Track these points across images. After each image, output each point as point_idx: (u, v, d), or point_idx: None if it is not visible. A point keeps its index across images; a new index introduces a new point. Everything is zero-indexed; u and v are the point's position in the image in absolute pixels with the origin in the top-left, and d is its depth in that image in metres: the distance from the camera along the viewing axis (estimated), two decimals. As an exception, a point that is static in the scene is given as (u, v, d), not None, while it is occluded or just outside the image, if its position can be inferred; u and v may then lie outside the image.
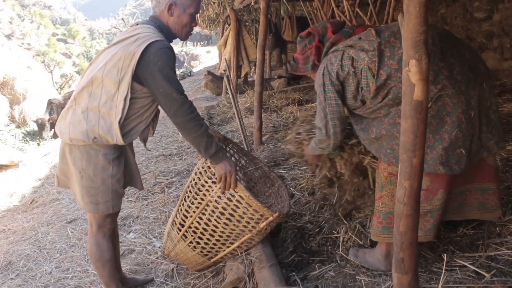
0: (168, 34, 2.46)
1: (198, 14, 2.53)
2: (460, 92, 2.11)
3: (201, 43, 36.59)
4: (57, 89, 25.40)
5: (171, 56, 2.30)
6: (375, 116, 2.31)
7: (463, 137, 2.14)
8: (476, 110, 2.16)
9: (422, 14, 1.58)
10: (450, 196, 2.36)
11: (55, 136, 12.38)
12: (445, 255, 2.10)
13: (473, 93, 2.14)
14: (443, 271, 2.00)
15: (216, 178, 2.52)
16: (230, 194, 2.54)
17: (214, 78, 10.38)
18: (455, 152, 2.16)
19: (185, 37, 2.56)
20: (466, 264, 2.29)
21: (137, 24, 2.48)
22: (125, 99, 2.28)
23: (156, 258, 3.31)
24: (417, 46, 1.60)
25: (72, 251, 3.71)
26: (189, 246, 2.78)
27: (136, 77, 2.27)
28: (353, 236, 2.79)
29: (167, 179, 4.96)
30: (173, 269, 3.09)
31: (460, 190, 2.42)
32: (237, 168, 3.14)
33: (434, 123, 2.14)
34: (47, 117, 12.57)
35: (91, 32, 75.93)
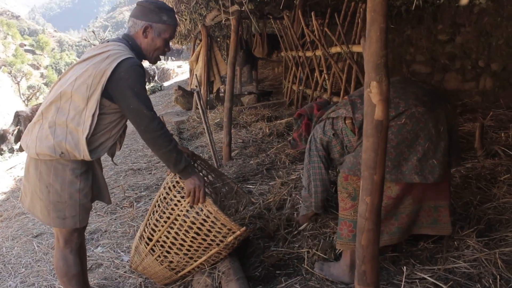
0: (139, 54, 2.50)
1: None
2: (429, 109, 2.36)
3: (172, 57, 36.51)
4: (23, 101, 24.94)
5: (142, 74, 2.34)
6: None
7: (434, 148, 2.37)
8: (445, 125, 2.39)
9: (382, 39, 1.67)
10: (419, 207, 2.56)
11: (21, 149, 12.16)
12: (405, 268, 2.19)
13: (439, 110, 2.40)
14: (403, 283, 2.08)
15: (184, 193, 2.56)
16: (199, 208, 2.58)
17: (184, 93, 10.41)
18: (428, 163, 2.38)
19: (154, 60, 2.61)
20: (425, 276, 2.38)
21: (107, 41, 2.52)
22: (93, 116, 2.30)
23: (124, 272, 3.30)
24: (378, 69, 1.69)
25: (38, 266, 3.66)
26: (157, 260, 2.80)
27: (106, 94, 2.29)
28: (317, 252, 2.85)
29: (136, 193, 4.94)
30: (141, 283, 3.09)
31: (418, 207, 2.56)
32: (206, 183, 3.18)
33: (410, 137, 2.36)
34: (11, 128, 12.34)
35: (61, 43, 75.03)
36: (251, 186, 4.27)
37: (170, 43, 2.70)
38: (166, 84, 22.99)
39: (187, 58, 29.55)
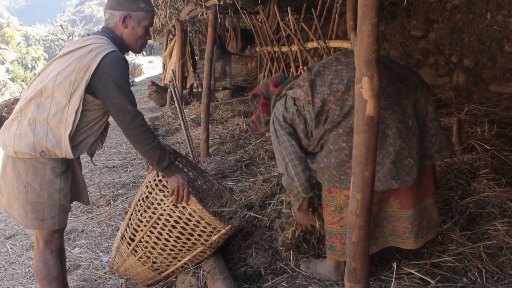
0: (122, 46, 2.43)
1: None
2: (393, 102, 2.19)
3: (143, 53, 36.02)
4: (-12, 97, 24.22)
5: (126, 68, 2.28)
6: (320, 145, 2.35)
7: (407, 146, 2.18)
8: (413, 118, 2.22)
9: (374, 34, 1.65)
10: (413, 213, 2.32)
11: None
12: (394, 263, 2.18)
13: (406, 102, 2.22)
14: (393, 279, 2.08)
15: (168, 191, 2.50)
16: (182, 207, 2.53)
17: (158, 89, 10.26)
18: (403, 164, 2.18)
19: (139, 49, 2.54)
20: (412, 271, 2.39)
21: (88, 35, 2.43)
22: (76, 112, 2.22)
23: (104, 273, 3.21)
24: (369, 64, 1.67)
25: (13, 268, 3.53)
26: (139, 260, 2.73)
27: (89, 89, 2.22)
28: (303, 255, 2.80)
29: (112, 192, 4.83)
30: (122, 284, 3.01)
31: (410, 214, 2.34)
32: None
33: (378, 138, 2.16)
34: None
35: (27, 37, 73.16)
36: (231, 183, 4.23)
37: None
38: (137, 79, 22.63)
39: (158, 53, 29.14)
